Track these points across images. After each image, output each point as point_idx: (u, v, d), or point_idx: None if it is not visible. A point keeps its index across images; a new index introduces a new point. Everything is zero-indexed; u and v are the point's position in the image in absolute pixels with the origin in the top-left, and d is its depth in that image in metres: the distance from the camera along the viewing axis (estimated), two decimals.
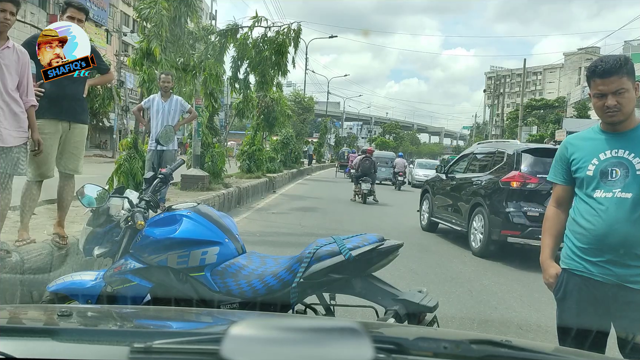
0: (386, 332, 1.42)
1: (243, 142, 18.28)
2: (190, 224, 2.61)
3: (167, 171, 3.05)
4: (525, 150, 7.67)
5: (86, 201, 2.79)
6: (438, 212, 9.49)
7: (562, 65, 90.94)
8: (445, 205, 9.21)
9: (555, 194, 2.39)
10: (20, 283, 3.65)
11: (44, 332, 1.14)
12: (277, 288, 2.50)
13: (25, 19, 27.79)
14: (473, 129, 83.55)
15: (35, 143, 3.80)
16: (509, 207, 7.22)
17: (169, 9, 9.25)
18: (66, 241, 4.24)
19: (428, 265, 6.74)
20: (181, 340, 1.05)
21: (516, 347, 1.11)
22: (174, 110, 7.58)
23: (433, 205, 9.73)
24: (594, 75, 2.12)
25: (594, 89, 2.14)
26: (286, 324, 0.93)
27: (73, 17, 4.10)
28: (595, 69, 2.11)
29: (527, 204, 7.17)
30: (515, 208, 7.19)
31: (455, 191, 8.92)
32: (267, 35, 12.08)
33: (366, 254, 2.46)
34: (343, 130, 79.34)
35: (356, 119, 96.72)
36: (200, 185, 10.17)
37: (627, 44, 52.49)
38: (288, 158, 25.18)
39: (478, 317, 4.71)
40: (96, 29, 36.30)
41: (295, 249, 3.30)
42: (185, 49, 10.23)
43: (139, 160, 8.59)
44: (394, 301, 2.45)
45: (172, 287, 2.58)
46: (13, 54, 3.63)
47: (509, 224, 7.14)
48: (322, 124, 47.36)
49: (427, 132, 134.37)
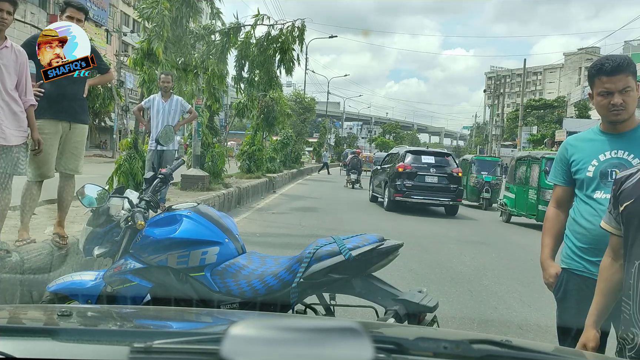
0: (386, 332, 1.42)
1: (243, 142, 18.29)
2: (190, 224, 2.61)
3: (167, 171, 3.05)
4: (407, 150, 14.41)
5: (86, 201, 2.79)
6: (374, 189, 15.69)
7: (562, 65, 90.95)
8: (377, 184, 15.31)
9: (556, 194, 2.39)
10: (20, 283, 3.65)
11: (44, 332, 1.14)
12: (277, 288, 2.50)
13: (25, 19, 27.80)
14: (473, 129, 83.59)
15: (35, 142, 3.80)
16: (397, 181, 13.03)
17: (171, 9, 9.24)
18: (66, 241, 4.24)
19: (428, 265, 6.74)
20: (181, 340, 1.05)
21: (516, 347, 1.11)
22: (174, 110, 7.58)
23: (372, 185, 16.00)
24: (601, 73, 2.09)
25: (600, 87, 2.11)
26: (286, 324, 0.93)
27: (72, 17, 4.10)
28: (602, 66, 2.09)
29: (406, 180, 12.97)
30: (400, 182, 12.98)
31: (380, 175, 14.93)
32: (270, 33, 12.05)
33: (366, 254, 2.46)
34: (343, 130, 79.38)
35: (356, 119, 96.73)
36: (200, 185, 10.17)
37: (627, 44, 52.52)
38: (288, 158, 25.19)
39: (478, 317, 4.71)
40: (96, 29, 36.30)
41: (295, 249, 3.30)
42: (187, 49, 10.23)
43: (139, 160, 8.59)
44: (394, 301, 2.45)
45: (172, 287, 2.58)
46: (11, 54, 3.63)
47: (397, 190, 12.97)
48: (321, 124, 47.38)
49: (427, 132, 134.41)
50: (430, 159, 13.55)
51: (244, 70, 13.03)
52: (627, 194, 1.75)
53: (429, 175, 13.10)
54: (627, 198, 1.74)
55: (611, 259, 1.90)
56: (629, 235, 1.73)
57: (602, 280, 1.92)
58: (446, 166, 13.45)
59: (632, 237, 1.71)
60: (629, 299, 1.71)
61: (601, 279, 1.93)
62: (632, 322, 1.69)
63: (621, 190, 1.78)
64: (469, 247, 8.64)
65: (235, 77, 13.14)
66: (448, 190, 13.02)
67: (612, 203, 1.85)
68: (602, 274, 1.93)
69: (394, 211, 12.91)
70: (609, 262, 1.91)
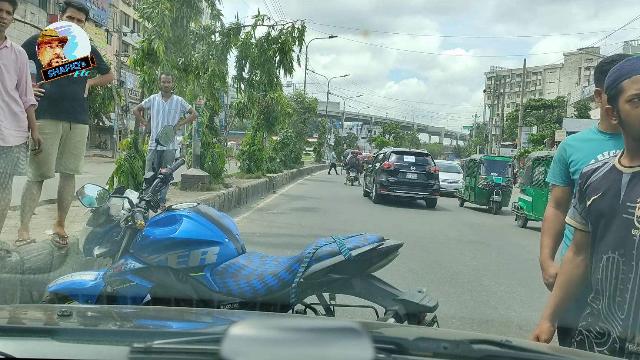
0: (386, 332, 1.42)
1: (243, 142, 18.29)
2: (190, 224, 2.61)
3: (167, 171, 3.05)
4: (392, 151, 16.53)
5: (86, 201, 2.79)
6: (367, 185, 17.63)
7: (562, 65, 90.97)
8: (368, 181, 17.14)
9: (555, 194, 2.38)
10: (20, 283, 3.65)
11: (44, 332, 1.14)
12: (277, 288, 2.50)
13: (25, 19, 27.81)
14: (473, 129, 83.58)
15: (36, 142, 3.80)
16: (382, 178, 14.85)
17: (172, 9, 9.25)
18: (66, 241, 4.24)
19: (428, 265, 6.74)
20: (181, 340, 1.05)
21: (516, 347, 1.11)
22: (174, 110, 7.58)
23: (365, 182, 18.24)
24: None
25: None
26: (286, 324, 0.93)
27: (73, 17, 4.10)
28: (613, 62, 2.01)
29: (389, 176, 14.80)
30: (385, 178, 14.80)
31: (371, 172, 16.70)
32: (270, 34, 12.04)
33: (366, 254, 2.46)
34: (343, 130, 79.38)
35: (356, 119, 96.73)
36: (200, 185, 10.17)
37: (627, 44, 52.51)
38: (288, 158, 25.19)
39: (478, 317, 4.71)
40: (96, 29, 36.30)
41: (295, 249, 3.30)
42: (187, 49, 10.23)
43: (139, 160, 8.59)
44: (394, 301, 2.45)
45: (172, 287, 2.58)
46: (11, 54, 3.63)
47: (382, 185, 14.82)
48: (320, 124, 47.38)
49: (427, 132, 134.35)
50: (411, 158, 15.51)
51: (244, 71, 13.03)
52: (594, 188, 1.73)
53: (410, 173, 14.95)
54: (594, 192, 1.72)
55: (573, 253, 1.89)
56: (597, 230, 1.71)
57: (562, 274, 1.93)
58: (425, 165, 15.27)
59: (601, 231, 1.69)
60: (598, 293, 1.70)
61: (562, 272, 1.93)
62: (602, 316, 1.68)
63: (588, 185, 1.77)
64: (469, 247, 8.65)
65: (235, 77, 13.14)
66: (426, 185, 14.88)
67: (578, 198, 1.84)
68: (563, 268, 1.93)
69: (380, 203, 14.84)
70: (570, 256, 1.91)
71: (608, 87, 1.68)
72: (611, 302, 1.65)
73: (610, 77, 1.68)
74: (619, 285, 1.62)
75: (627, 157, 1.69)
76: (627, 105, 1.61)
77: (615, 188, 1.66)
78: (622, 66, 1.66)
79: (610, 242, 1.65)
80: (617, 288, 1.63)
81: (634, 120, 1.60)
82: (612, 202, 1.65)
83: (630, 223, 1.59)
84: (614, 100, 1.65)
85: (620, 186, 1.65)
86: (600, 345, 1.68)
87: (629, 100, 1.60)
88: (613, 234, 1.64)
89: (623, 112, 1.63)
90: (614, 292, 1.64)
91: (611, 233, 1.65)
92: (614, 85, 1.65)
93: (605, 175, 1.72)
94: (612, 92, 1.66)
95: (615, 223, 1.64)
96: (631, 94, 1.59)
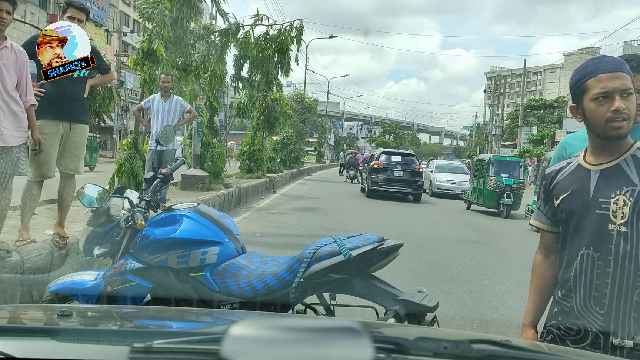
0: (386, 332, 1.42)
1: (243, 142, 18.30)
2: (190, 224, 2.61)
3: (167, 171, 3.05)
4: (382, 152, 18.82)
5: (86, 201, 2.80)
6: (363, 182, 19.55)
7: (563, 65, 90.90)
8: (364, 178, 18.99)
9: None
10: (20, 283, 3.65)
11: (44, 332, 1.14)
12: (277, 288, 2.50)
13: (25, 19, 27.81)
14: (473, 129, 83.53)
15: (36, 142, 3.80)
16: (372, 175, 16.92)
17: (172, 9, 9.25)
18: (66, 241, 4.24)
19: (428, 265, 6.74)
20: (181, 340, 1.05)
21: (516, 347, 1.11)
22: (174, 110, 7.58)
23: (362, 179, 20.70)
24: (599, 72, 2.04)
25: None
26: (286, 324, 0.93)
27: (73, 17, 4.10)
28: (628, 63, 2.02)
29: (379, 174, 16.81)
30: (375, 176, 16.83)
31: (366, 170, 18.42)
32: (269, 33, 12.05)
33: (366, 254, 2.46)
34: (343, 130, 79.37)
35: (356, 119, 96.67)
36: (200, 186, 10.17)
37: (627, 44, 52.49)
38: (288, 158, 25.19)
39: (478, 317, 4.71)
40: (96, 29, 36.28)
41: (295, 249, 3.30)
42: (187, 49, 10.23)
43: (139, 160, 8.59)
44: (394, 301, 2.45)
45: (172, 287, 2.58)
46: (11, 54, 3.63)
47: (373, 182, 16.83)
48: (320, 124, 47.38)
49: (427, 132, 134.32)
50: (398, 158, 17.49)
51: (242, 70, 13.02)
52: (562, 187, 1.75)
53: (397, 171, 16.88)
54: (562, 191, 1.75)
55: (543, 256, 1.90)
56: (569, 228, 1.73)
57: (536, 278, 1.93)
58: (410, 164, 17.15)
59: (573, 229, 1.72)
60: (570, 291, 1.71)
61: (535, 276, 1.93)
62: (575, 313, 1.69)
63: (554, 185, 1.79)
64: (469, 247, 8.65)
65: (234, 76, 13.13)
66: (411, 182, 16.81)
67: (543, 199, 1.86)
68: (536, 272, 1.93)
69: (371, 197, 16.80)
70: (541, 259, 1.91)
71: (573, 86, 1.70)
72: (587, 298, 1.67)
73: (575, 76, 1.70)
74: (595, 281, 1.65)
75: (592, 155, 1.73)
76: (591, 104, 1.64)
77: (585, 185, 1.69)
78: (587, 65, 1.68)
79: (585, 238, 1.67)
80: (592, 284, 1.65)
81: (598, 119, 1.63)
82: (583, 200, 1.68)
83: (605, 218, 1.63)
84: (579, 99, 1.68)
85: (589, 183, 1.69)
86: (576, 342, 1.68)
87: (593, 99, 1.63)
88: (587, 231, 1.67)
89: (588, 110, 1.66)
90: (589, 288, 1.66)
91: (585, 230, 1.68)
92: (579, 84, 1.67)
93: (572, 174, 1.75)
94: (576, 90, 1.68)
95: (589, 219, 1.67)
96: (596, 92, 1.62)
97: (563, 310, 1.75)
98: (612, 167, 1.67)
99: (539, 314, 1.92)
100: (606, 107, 1.61)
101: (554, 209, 1.80)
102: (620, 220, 1.61)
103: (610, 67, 1.63)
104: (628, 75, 1.63)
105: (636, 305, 1.60)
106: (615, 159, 1.67)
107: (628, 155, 1.66)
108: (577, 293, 1.69)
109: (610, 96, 1.60)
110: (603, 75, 1.61)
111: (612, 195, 1.63)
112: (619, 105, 1.59)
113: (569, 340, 1.70)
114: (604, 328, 1.63)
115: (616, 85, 1.60)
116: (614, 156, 1.67)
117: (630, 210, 1.60)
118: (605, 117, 1.61)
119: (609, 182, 1.65)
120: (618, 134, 1.62)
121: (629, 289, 1.60)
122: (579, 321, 1.68)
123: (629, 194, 1.61)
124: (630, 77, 1.64)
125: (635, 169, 1.64)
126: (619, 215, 1.62)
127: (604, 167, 1.68)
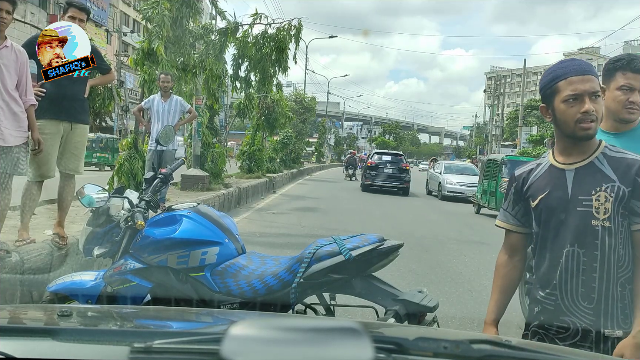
0: (386, 332, 1.42)
1: (243, 142, 18.30)
2: (190, 224, 2.61)
3: (167, 171, 3.05)
4: (374, 152, 23.11)
5: (86, 201, 2.79)
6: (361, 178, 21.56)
7: None
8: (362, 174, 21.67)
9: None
10: (20, 283, 3.65)
11: (44, 332, 1.14)
12: (277, 288, 2.50)
13: (25, 19, 27.81)
14: (473, 129, 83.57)
15: (36, 142, 3.80)
16: (367, 172, 19.97)
17: (171, 9, 9.26)
18: (66, 241, 4.24)
19: (428, 265, 6.74)
20: (181, 340, 1.05)
21: (516, 347, 1.11)
22: (173, 110, 7.58)
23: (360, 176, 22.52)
24: (627, 69, 2.05)
25: (623, 80, 2.07)
26: (286, 324, 0.93)
27: (75, 17, 4.10)
28: (631, 62, 2.05)
29: (372, 171, 19.76)
30: (368, 172, 19.91)
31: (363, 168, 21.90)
32: (267, 32, 12.04)
33: (366, 254, 2.46)
34: (343, 130, 79.40)
35: (356, 119, 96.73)
36: (200, 186, 10.17)
37: (627, 44, 52.53)
38: (288, 158, 25.19)
39: (478, 317, 4.70)
40: (96, 29, 36.26)
41: (295, 249, 3.30)
42: (186, 48, 10.23)
43: (139, 160, 8.59)
44: (394, 301, 2.45)
45: (172, 287, 2.58)
46: (11, 54, 3.63)
47: (366, 178, 19.94)
48: (320, 124, 47.39)
49: (427, 132, 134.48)
50: (388, 157, 20.61)
51: (240, 70, 13.01)
52: (538, 188, 1.77)
53: (386, 168, 19.77)
54: (540, 191, 1.76)
55: (508, 256, 1.95)
56: (549, 227, 1.75)
57: (499, 278, 1.96)
58: (399, 162, 20.06)
59: (554, 228, 1.73)
60: (555, 289, 1.72)
61: (498, 276, 1.96)
62: (563, 310, 1.70)
63: (528, 186, 1.80)
64: (469, 247, 8.65)
65: (232, 75, 13.11)
66: (399, 178, 19.51)
67: (513, 200, 1.87)
68: (500, 271, 1.97)
69: (365, 191, 19.45)
70: (505, 259, 1.96)
71: (543, 87, 1.74)
72: (575, 295, 1.69)
73: (546, 78, 1.74)
74: (581, 277, 1.68)
75: (562, 155, 1.76)
76: (562, 105, 1.68)
77: (561, 185, 1.72)
78: (558, 67, 1.72)
79: (568, 236, 1.70)
80: (579, 280, 1.68)
81: (568, 119, 1.68)
82: (562, 198, 1.71)
83: (588, 215, 1.67)
84: (549, 100, 1.72)
85: (565, 182, 1.72)
86: (564, 340, 1.69)
87: (564, 100, 1.67)
88: (570, 228, 1.69)
89: (558, 111, 1.70)
90: (576, 285, 1.68)
91: (568, 227, 1.70)
92: (550, 85, 1.71)
93: (546, 174, 1.78)
94: (547, 92, 1.73)
95: (571, 217, 1.69)
96: (566, 94, 1.66)
97: (545, 309, 1.76)
98: (586, 165, 1.71)
99: (501, 313, 1.95)
100: (576, 108, 1.65)
101: (525, 210, 1.83)
102: (604, 215, 1.66)
103: (580, 70, 1.68)
104: (596, 78, 1.69)
105: (621, 296, 1.65)
106: (587, 158, 1.72)
107: (599, 154, 1.71)
108: (564, 291, 1.70)
109: (580, 98, 1.65)
110: (574, 77, 1.66)
111: (592, 192, 1.67)
112: (589, 107, 1.63)
113: (557, 338, 1.71)
114: (593, 322, 1.66)
115: (586, 87, 1.65)
116: (585, 155, 1.72)
117: (612, 206, 1.65)
118: (575, 118, 1.66)
119: (586, 180, 1.69)
120: (587, 135, 1.67)
121: (614, 281, 1.65)
122: (567, 318, 1.70)
123: (609, 189, 1.66)
124: (598, 80, 1.70)
125: (609, 166, 1.68)
126: (601, 211, 1.66)
127: (578, 166, 1.72)
